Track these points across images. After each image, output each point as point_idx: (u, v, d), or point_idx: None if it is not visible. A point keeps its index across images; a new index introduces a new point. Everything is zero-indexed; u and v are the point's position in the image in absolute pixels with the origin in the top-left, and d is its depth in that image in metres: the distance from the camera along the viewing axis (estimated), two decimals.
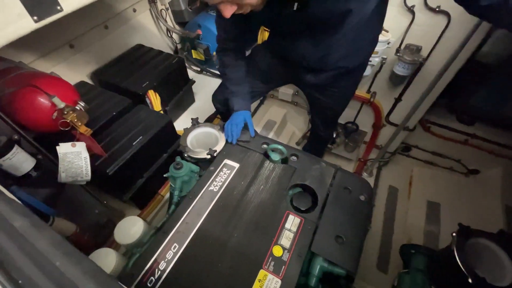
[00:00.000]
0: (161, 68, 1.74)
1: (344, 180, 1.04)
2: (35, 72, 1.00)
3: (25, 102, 0.82)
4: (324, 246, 0.86)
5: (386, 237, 1.89)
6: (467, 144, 1.90)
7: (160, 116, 1.43)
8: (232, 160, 1.08)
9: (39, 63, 1.43)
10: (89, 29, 1.68)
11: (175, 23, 2.25)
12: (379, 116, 1.85)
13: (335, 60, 1.04)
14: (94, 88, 1.54)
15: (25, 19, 0.71)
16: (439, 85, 1.48)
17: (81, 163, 0.91)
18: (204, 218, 0.91)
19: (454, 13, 1.30)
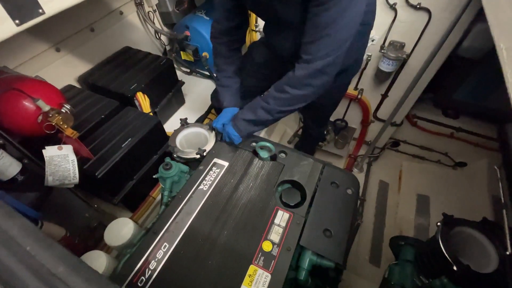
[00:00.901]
0: (149, 69, 1.73)
1: (331, 175, 1.06)
2: (19, 76, 0.99)
3: (9, 106, 0.81)
4: (313, 240, 0.88)
5: (377, 231, 1.92)
6: (453, 137, 1.95)
7: (149, 117, 1.43)
8: (222, 159, 1.09)
9: (24, 67, 1.41)
10: (75, 32, 1.66)
11: (163, 25, 2.25)
12: (367, 112, 1.88)
13: None
14: (82, 91, 1.53)
15: (6, 23, 0.71)
16: (423, 80, 1.52)
17: (69, 166, 0.90)
18: (194, 216, 0.92)
19: (434, 10, 1.34)
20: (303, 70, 0.90)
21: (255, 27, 1.74)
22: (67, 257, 0.21)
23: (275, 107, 0.99)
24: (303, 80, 0.91)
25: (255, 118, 1.04)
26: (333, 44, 0.84)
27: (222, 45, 1.12)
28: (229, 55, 1.14)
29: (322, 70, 0.88)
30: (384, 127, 1.78)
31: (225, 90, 1.17)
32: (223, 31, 1.08)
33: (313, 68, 0.88)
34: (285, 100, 0.97)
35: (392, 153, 2.31)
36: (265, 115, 1.02)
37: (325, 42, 0.83)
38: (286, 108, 1.00)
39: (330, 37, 0.81)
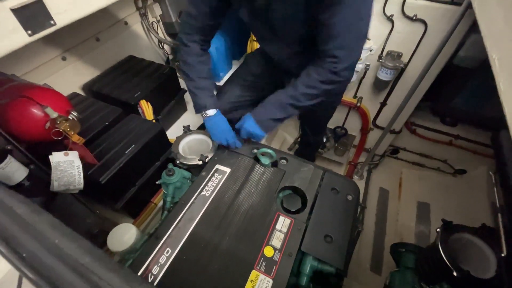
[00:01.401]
0: (153, 78, 1.77)
1: (331, 181, 1.07)
2: (28, 84, 1.02)
3: (18, 113, 0.83)
4: (314, 245, 0.89)
5: (378, 239, 1.92)
6: (452, 144, 1.98)
7: (152, 124, 1.45)
8: (224, 165, 1.11)
9: (31, 75, 1.45)
10: (80, 41, 1.71)
11: (167, 35, 2.30)
12: (366, 120, 1.91)
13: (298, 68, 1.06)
14: (86, 99, 1.56)
15: (19, 33, 0.74)
16: (421, 88, 1.56)
17: (74, 172, 0.92)
18: (196, 222, 0.93)
19: (430, 21, 1.38)
20: (333, 75, 0.91)
21: None
22: (92, 249, 0.23)
23: (305, 103, 1.00)
24: (335, 74, 0.92)
25: (286, 115, 1.04)
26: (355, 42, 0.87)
27: (194, 43, 1.05)
28: (202, 54, 1.08)
29: (352, 66, 0.92)
30: (383, 135, 1.80)
31: (203, 92, 1.11)
32: (199, 28, 1.02)
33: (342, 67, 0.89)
34: (315, 96, 0.99)
35: (392, 160, 2.33)
36: (294, 111, 1.03)
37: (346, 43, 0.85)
38: (314, 101, 1.01)
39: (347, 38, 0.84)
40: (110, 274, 0.21)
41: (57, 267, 0.21)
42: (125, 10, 1.95)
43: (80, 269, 0.21)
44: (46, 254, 0.22)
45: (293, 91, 1.00)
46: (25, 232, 0.23)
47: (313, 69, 0.96)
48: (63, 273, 0.21)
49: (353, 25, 0.83)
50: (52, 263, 0.21)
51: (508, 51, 0.67)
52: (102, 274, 0.21)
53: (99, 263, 0.21)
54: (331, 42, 0.86)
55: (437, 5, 1.35)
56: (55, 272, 0.21)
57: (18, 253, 0.22)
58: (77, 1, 0.84)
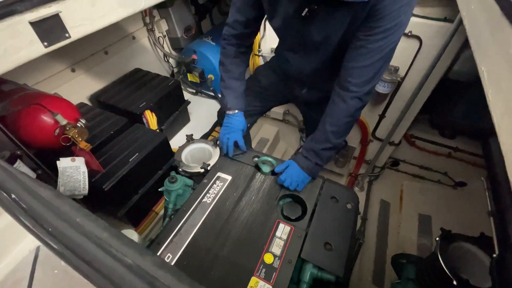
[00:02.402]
0: (158, 90, 1.83)
1: (331, 190, 1.09)
2: (39, 93, 1.07)
3: (30, 119, 0.87)
4: (314, 253, 0.89)
5: (380, 251, 1.90)
6: (451, 157, 1.99)
7: (156, 134, 1.50)
8: (225, 173, 1.13)
9: (42, 85, 1.51)
10: (90, 54, 1.79)
11: (172, 49, 2.40)
12: (365, 132, 1.94)
13: (325, 80, 1.12)
14: (93, 109, 1.62)
15: (36, 44, 0.79)
16: (418, 101, 1.60)
17: (80, 177, 0.95)
18: (197, 228, 0.94)
19: (424, 37, 1.44)
20: (354, 100, 0.95)
21: (258, 52, 1.86)
22: (108, 227, 0.26)
23: (336, 141, 1.03)
24: (356, 106, 0.97)
25: (324, 163, 1.08)
26: (382, 67, 0.90)
27: (231, 46, 1.12)
28: (237, 56, 1.14)
29: (370, 91, 0.95)
30: (383, 146, 1.82)
31: (230, 92, 1.16)
32: (236, 35, 1.09)
33: (363, 92, 0.93)
34: (345, 131, 1.03)
35: (393, 172, 2.34)
36: (330, 153, 1.07)
37: (377, 65, 0.89)
38: (345, 136, 1.06)
39: (381, 61, 0.88)
40: (125, 247, 0.24)
41: (79, 240, 0.23)
42: (133, 26, 2.05)
43: (99, 242, 0.23)
44: (69, 229, 0.24)
45: (318, 136, 1.05)
46: (50, 211, 0.25)
47: (336, 107, 0.99)
48: (84, 245, 0.23)
49: (385, 51, 0.86)
50: (75, 236, 0.24)
51: (495, 64, 0.70)
52: (118, 247, 0.23)
53: (116, 239, 0.24)
54: (360, 62, 0.88)
55: (431, 22, 1.41)
56: (77, 244, 0.23)
57: (44, 228, 0.24)
58: (91, 16, 0.90)
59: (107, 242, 0.23)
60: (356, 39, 0.88)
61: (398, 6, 0.78)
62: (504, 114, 0.59)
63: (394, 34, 0.83)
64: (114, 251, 0.23)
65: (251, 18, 1.04)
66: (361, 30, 0.85)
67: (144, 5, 1.09)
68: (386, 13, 0.79)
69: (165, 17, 2.22)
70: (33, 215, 0.25)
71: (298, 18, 0.88)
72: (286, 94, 1.37)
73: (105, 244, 0.23)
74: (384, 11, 0.79)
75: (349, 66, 0.93)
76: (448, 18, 1.38)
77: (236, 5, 1.03)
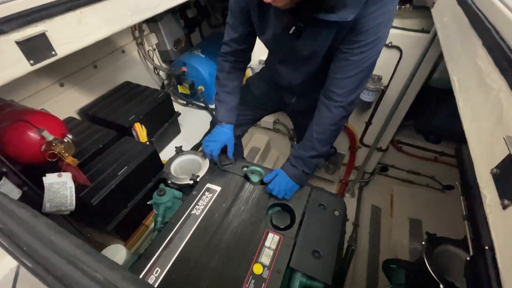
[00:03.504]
0: (147, 102, 1.84)
1: (319, 197, 1.11)
2: (26, 109, 1.07)
3: (16, 136, 0.87)
4: (302, 261, 0.90)
5: (372, 257, 1.91)
6: (437, 161, 2.04)
7: (145, 146, 1.50)
8: (214, 183, 1.14)
9: (29, 101, 1.50)
10: (79, 69, 1.79)
11: (162, 62, 2.43)
12: (353, 139, 1.98)
13: (312, 89, 1.16)
14: (82, 123, 1.61)
15: (22, 63, 0.80)
16: (401, 108, 1.65)
17: (66, 193, 0.94)
18: (186, 241, 0.94)
19: (404, 48, 1.51)
20: (339, 109, 0.99)
21: None
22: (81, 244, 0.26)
23: (322, 149, 1.06)
24: (341, 115, 1.01)
25: (311, 171, 1.10)
26: (364, 78, 0.95)
27: (226, 62, 1.17)
28: (231, 71, 1.18)
29: (354, 101, 0.99)
30: (371, 152, 1.87)
31: (222, 105, 1.20)
32: (232, 52, 1.14)
33: (347, 101, 0.98)
34: (330, 138, 1.07)
35: (382, 178, 2.38)
36: (317, 161, 1.10)
37: (359, 77, 0.93)
38: (331, 143, 1.09)
39: (363, 72, 0.92)
40: (97, 263, 0.25)
41: (52, 257, 0.24)
42: (123, 39, 2.07)
43: (71, 259, 0.24)
44: (42, 248, 0.25)
45: (304, 144, 1.08)
46: (25, 231, 0.26)
47: (321, 115, 1.03)
48: (56, 262, 0.24)
49: (367, 64, 0.91)
50: (48, 255, 0.25)
51: (465, 74, 0.75)
52: (90, 263, 0.24)
53: (87, 255, 0.25)
54: (343, 73, 0.93)
55: (409, 33, 1.48)
56: (50, 262, 0.24)
57: (20, 247, 0.25)
58: (78, 34, 0.92)
59: (79, 259, 0.24)
60: (340, 52, 0.92)
61: (378, 22, 0.83)
62: (472, 121, 0.62)
63: (374, 48, 0.88)
64: (85, 267, 0.24)
65: (244, 35, 1.08)
66: (344, 44, 0.90)
67: (131, 22, 1.11)
68: (366, 28, 0.84)
69: (154, 30, 2.26)
70: (9, 234, 0.26)
71: (286, 35, 0.93)
72: (277, 103, 1.42)
73: (77, 260, 0.24)
74: (364, 27, 0.84)
75: (333, 77, 0.97)
76: (425, 29, 1.46)
77: (229, 23, 1.08)
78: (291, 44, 0.99)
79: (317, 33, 0.91)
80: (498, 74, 0.57)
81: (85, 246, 0.27)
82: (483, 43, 0.68)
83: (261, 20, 0.99)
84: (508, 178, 0.42)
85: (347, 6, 0.79)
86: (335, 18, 0.80)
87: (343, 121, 1.04)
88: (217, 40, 2.52)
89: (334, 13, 0.80)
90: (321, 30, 0.89)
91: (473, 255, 0.56)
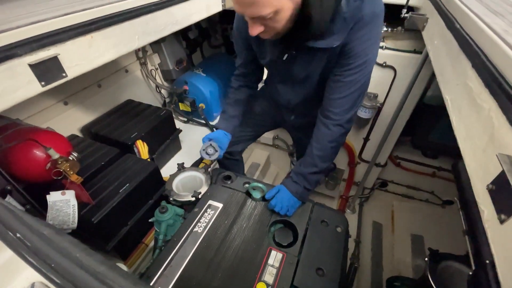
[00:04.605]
0: (149, 120, 1.87)
1: (321, 214, 1.11)
2: (33, 128, 1.09)
3: (23, 154, 0.89)
4: (306, 279, 0.89)
5: (376, 275, 1.87)
6: (436, 176, 2.06)
7: (146, 163, 1.50)
8: (216, 200, 1.14)
9: (34, 119, 1.53)
10: (83, 88, 1.84)
11: (164, 81, 2.49)
12: (352, 154, 2.01)
13: (310, 107, 1.22)
14: (84, 140, 1.63)
15: (34, 84, 0.83)
16: (398, 124, 1.70)
17: (69, 211, 0.94)
18: (188, 260, 0.93)
19: (398, 67, 1.58)
20: (337, 127, 1.04)
21: None
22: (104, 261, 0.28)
23: (323, 165, 1.09)
24: (339, 133, 1.05)
25: (313, 186, 1.13)
26: (359, 97, 1.00)
27: (237, 81, 1.30)
28: (237, 87, 1.30)
29: (351, 119, 1.04)
30: (370, 168, 1.89)
31: (222, 114, 1.34)
32: (241, 74, 1.28)
33: (345, 120, 1.02)
34: (331, 155, 1.10)
35: (382, 193, 2.38)
36: (318, 177, 1.13)
37: (354, 96, 0.98)
38: (331, 160, 1.13)
39: (357, 92, 0.98)
40: (121, 278, 0.26)
41: (79, 274, 0.25)
42: (127, 59, 2.14)
43: (97, 275, 0.25)
44: (70, 264, 0.26)
45: (305, 160, 1.12)
46: (52, 248, 0.27)
47: (320, 133, 1.08)
48: (84, 278, 0.25)
49: (360, 84, 0.97)
50: (75, 271, 0.26)
51: (457, 93, 0.79)
52: (115, 279, 0.25)
53: (112, 271, 0.26)
54: (339, 93, 0.99)
55: (402, 54, 1.56)
56: (78, 278, 0.25)
57: (47, 264, 0.26)
58: (88, 56, 0.96)
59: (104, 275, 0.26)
60: (333, 74, 0.99)
61: (365, 46, 0.89)
62: (466, 139, 0.65)
63: (365, 69, 0.94)
64: (111, 282, 0.25)
65: (248, 60, 1.20)
66: (336, 67, 0.97)
67: (138, 45, 1.16)
68: (355, 52, 0.90)
69: (157, 51, 2.34)
70: (35, 251, 0.27)
71: (281, 61, 1.01)
72: (277, 119, 1.48)
73: (103, 277, 0.25)
74: (353, 51, 0.90)
75: (329, 97, 1.02)
76: (417, 50, 1.53)
77: (237, 50, 1.20)
78: (287, 68, 1.06)
79: (310, 58, 0.98)
80: (488, 94, 0.60)
81: (108, 262, 0.28)
82: (472, 65, 0.72)
83: (259, 47, 1.08)
84: (503, 193, 0.44)
85: (334, 34, 0.86)
86: (323, 45, 0.88)
87: (342, 138, 1.08)
88: (217, 60, 2.61)
89: (323, 40, 0.88)
90: (313, 55, 0.96)
91: (475, 270, 0.57)
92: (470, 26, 0.86)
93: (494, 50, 0.68)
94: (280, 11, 0.77)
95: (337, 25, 0.85)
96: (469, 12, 0.91)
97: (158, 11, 1.24)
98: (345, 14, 0.83)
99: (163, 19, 1.28)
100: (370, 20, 0.85)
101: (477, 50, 0.74)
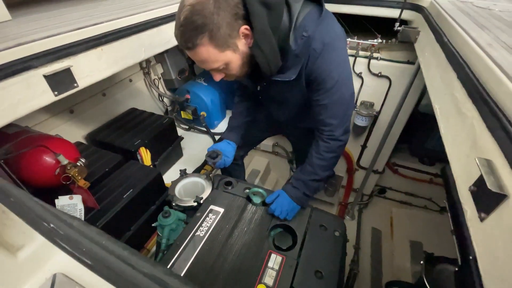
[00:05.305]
0: (152, 127, 1.92)
1: (319, 218, 1.15)
2: (42, 135, 1.14)
3: (34, 160, 0.93)
4: (305, 282, 0.92)
5: (375, 282, 1.88)
6: (433, 182, 2.10)
7: (149, 170, 1.54)
8: (218, 205, 1.18)
9: (41, 126, 1.58)
10: (88, 96, 1.90)
11: (166, 89, 2.56)
12: (350, 161, 2.05)
13: (302, 119, 1.29)
14: (89, 147, 1.67)
15: (47, 94, 0.89)
16: (394, 132, 1.75)
17: (76, 215, 0.98)
18: (190, 263, 0.96)
19: (392, 77, 1.64)
20: (333, 141, 1.08)
21: None
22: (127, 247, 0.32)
23: (323, 173, 1.14)
24: (337, 145, 1.09)
25: (312, 193, 1.17)
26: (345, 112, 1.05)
27: (236, 96, 1.43)
28: (238, 102, 1.42)
29: (345, 131, 1.08)
30: (368, 175, 1.92)
31: (228, 127, 1.46)
32: (238, 88, 1.40)
33: (339, 134, 1.06)
34: (331, 165, 1.15)
35: (381, 200, 2.41)
36: (318, 184, 1.17)
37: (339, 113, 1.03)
38: (331, 169, 1.17)
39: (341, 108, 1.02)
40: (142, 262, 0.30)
41: (108, 257, 0.29)
42: (131, 69, 2.21)
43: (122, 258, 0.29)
44: (99, 249, 0.30)
45: (306, 169, 1.16)
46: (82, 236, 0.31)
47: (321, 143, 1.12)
48: (112, 261, 0.29)
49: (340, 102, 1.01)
50: (104, 255, 0.30)
51: (445, 103, 0.84)
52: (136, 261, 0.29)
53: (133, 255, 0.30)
54: (324, 114, 1.04)
55: (396, 64, 1.63)
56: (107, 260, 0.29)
57: (79, 248, 0.30)
58: (98, 68, 1.01)
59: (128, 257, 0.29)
60: (312, 98, 1.04)
61: (328, 72, 0.93)
62: (453, 145, 0.70)
63: (339, 90, 0.98)
64: (134, 263, 0.29)
65: (240, 84, 1.33)
66: (312, 91, 1.02)
67: (144, 56, 1.23)
68: (321, 79, 0.95)
69: (160, 61, 2.41)
70: (67, 239, 0.31)
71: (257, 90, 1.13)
72: (277, 127, 1.56)
73: (126, 258, 0.29)
74: (319, 78, 0.95)
75: (316, 118, 1.08)
76: (411, 61, 1.60)
77: None
78: (266, 94, 1.17)
79: (281, 87, 1.03)
80: (471, 104, 0.65)
81: (130, 248, 0.32)
82: (458, 76, 0.78)
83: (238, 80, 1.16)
84: (483, 194, 0.48)
85: (290, 68, 0.94)
86: (283, 78, 0.96)
87: (340, 149, 1.12)
88: None
89: (282, 74, 0.96)
90: (282, 85, 1.01)
91: (460, 265, 0.60)
92: (457, 40, 0.92)
93: (477, 63, 0.74)
94: (230, 63, 0.86)
95: (290, 61, 0.93)
96: (456, 26, 0.97)
97: (164, 25, 1.30)
98: (295, 51, 0.89)
99: (168, 32, 1.34)
100: (322, 50, 0.88)
101: (462, 62, 0.80)
